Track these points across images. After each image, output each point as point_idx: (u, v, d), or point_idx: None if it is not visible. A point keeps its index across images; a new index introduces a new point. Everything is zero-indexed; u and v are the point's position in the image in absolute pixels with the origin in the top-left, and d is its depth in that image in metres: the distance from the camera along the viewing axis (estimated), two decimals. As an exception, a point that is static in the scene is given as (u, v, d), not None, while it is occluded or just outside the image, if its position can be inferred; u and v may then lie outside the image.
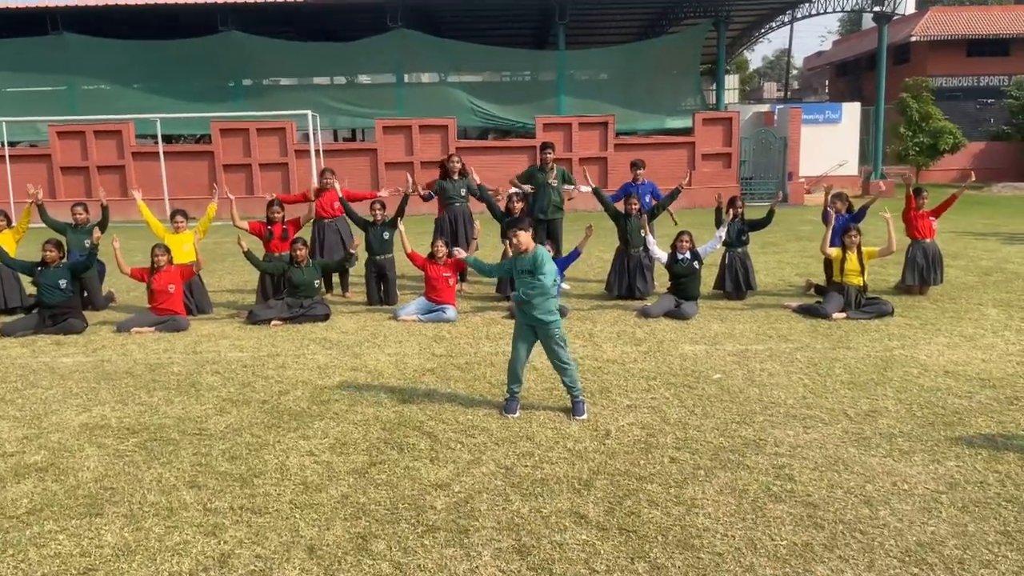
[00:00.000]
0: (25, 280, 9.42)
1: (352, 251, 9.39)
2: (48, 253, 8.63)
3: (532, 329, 5.64)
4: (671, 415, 5.61)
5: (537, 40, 31.53)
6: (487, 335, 8.12)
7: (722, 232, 9.26)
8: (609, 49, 28.73)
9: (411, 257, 9.17)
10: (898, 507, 4.19)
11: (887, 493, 4.35)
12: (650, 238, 9.30)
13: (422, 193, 10.61)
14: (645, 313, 8.76)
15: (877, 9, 26.02)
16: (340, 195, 10.00)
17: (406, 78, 27.92)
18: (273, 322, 8.65)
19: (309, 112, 21.32)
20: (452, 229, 10.51)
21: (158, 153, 22.01)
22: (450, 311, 8.86)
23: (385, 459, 4.89)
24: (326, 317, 8.89)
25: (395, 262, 9.93)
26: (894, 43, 30.53)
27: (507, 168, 22.95)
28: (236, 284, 11.35)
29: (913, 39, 32.68)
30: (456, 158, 10.63)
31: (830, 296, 8.73)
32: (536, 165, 10.84)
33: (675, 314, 8.71)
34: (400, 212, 9.69)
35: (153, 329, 8.46)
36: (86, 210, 10.15)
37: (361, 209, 10.09)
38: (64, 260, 8.88)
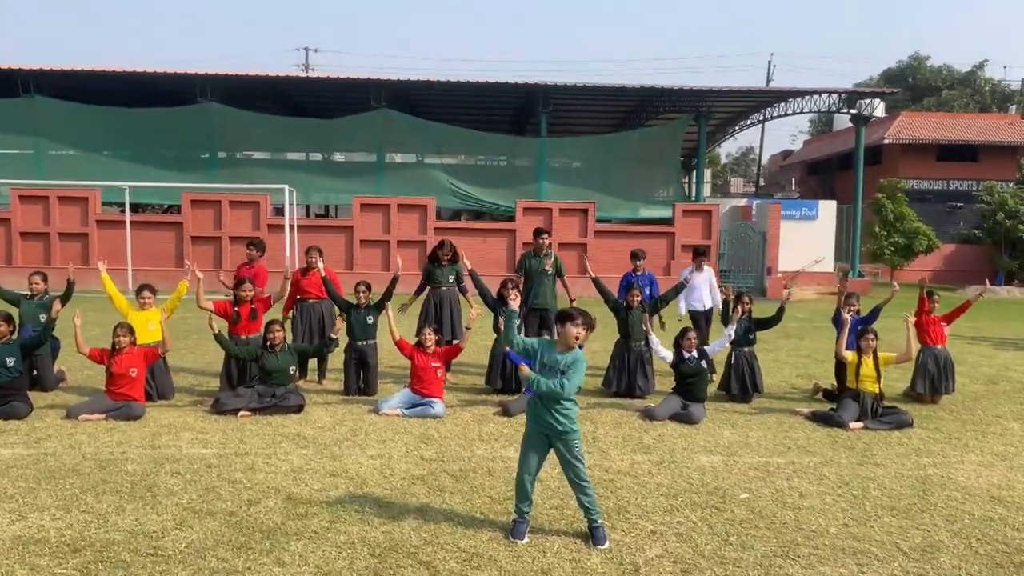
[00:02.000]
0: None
1: (333, 336, 8.68)
2: (-4, 328, 7.79)
3: (546, 438, 4.98)
4: (703, 545, 4.89)
5: (516, 126, 31.66)
6: (480, 435, 7.37)
7: (731, 331, 8.72)
8: (589, 138, 28.90)
9: (399, 345, 8.46)
10: None
11: (980, 660, 3.68)
12: (653, 337, 8.69)
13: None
14: (649, 415, 8.09)
15: (853, 111, 26.51)
16: (323, 275, 9.33)
17: (386, 157, 27.66)
18: (241, 412, 7.82)
19: (286, 187, 20.78)
20: (437, 313, 9.88)
21: (124, 222, 21.21)
22: (438, 406, 8.12)
23: (378, 597, 4.10)
24: (300, 408, 8.08)
25: (377, 348, 9.22)
26: (867, 145, 31.07)
27: (484, 250, 22.65)
28: (200, 365, 10.50)
29: (886, 142, 33.42)
30: (446, 246, 10.08)
31: (846, 404, 8.16)
32: (530, 252, 10.26)
33: (682, 417, 8.06)
34: (388, 295, 9.03)
35: (104, 416, 7.58)
36: (45, 280, 9.30)
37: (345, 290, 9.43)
38: (14, 336, 8.04)
